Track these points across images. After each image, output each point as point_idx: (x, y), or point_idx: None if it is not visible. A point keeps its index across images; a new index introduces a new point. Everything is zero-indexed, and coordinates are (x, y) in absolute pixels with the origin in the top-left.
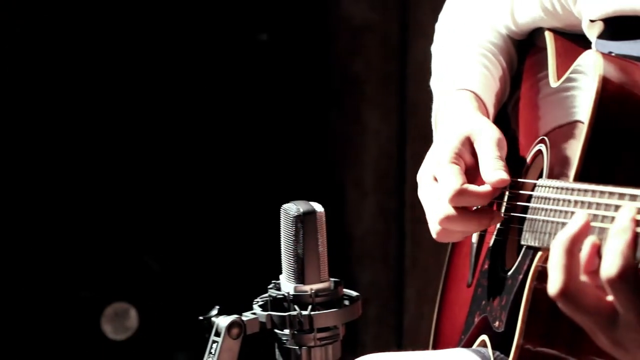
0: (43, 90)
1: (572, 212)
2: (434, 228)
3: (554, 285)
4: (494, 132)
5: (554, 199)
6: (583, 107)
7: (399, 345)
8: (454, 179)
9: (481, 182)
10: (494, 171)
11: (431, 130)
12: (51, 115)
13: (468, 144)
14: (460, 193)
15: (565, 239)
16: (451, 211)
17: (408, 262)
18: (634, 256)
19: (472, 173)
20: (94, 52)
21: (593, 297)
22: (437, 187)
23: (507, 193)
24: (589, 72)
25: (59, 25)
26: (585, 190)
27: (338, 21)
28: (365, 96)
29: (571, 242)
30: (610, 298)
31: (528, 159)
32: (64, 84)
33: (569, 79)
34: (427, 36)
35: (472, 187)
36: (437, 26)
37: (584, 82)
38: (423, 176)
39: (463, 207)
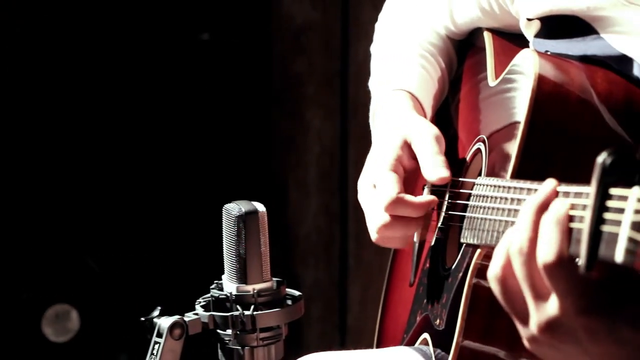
0: None
1: (510, 210)
2: (373, 235)
3: (491, 269)
4: (431, 130)
5: (491, 197)
6: (520, 106)
7: (343, 345)
8: (391, 187)
9: (424, 182)
10: (433, 169)
11: None
12: None
13: (407, 147)
14: (396, 202)
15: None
16: (387, 219)
17: (351, 261)
18: (569, 244)
19: (413, 175)
20: (40, 54)
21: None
22: (375, 195)
23: (447, 192)
24: (526, 71)
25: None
26: (522, 188)
27: (280, 21)
28: (308, 96)
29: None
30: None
31: (468, 158)
32: (11, 87)
33: (506, 78)
34: (369, 36)
35: (409, 197)
36: (377, 26)
37: (520, 81)
38: (363, 182)
39: (399, 215)
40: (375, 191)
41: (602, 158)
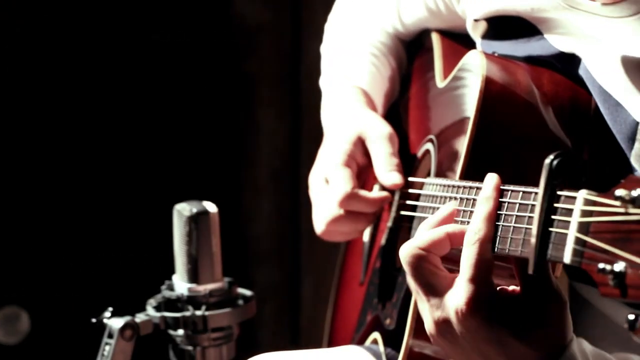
0: None
1: (458, 210)
2: (320, 227)
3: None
4: (385, 128)
5: (440, 197)
6: (468, 107)
7: (296, 344)
8: (345, 183)
9: (375, 180)
10: (387, 173)
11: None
12: None
13: (360, 143)
14: (350, 197)
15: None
16: (340, 213)
17: (304, 261)
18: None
19: (366, 172)
20: None
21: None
22: (327, 190)
23: (397, 192)
24: (473, 72)
25: None
26: (470, 187)
27: (231, 21)
28: (260, 96)
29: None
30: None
31: (417, 158)
32: None
33: (454, 80)
34: (320, 36)
35: (363, 193)
36: (327, 27)
37: (468, 82)
38: (315, 177)
39: (352, 211)
40: (328, 186)
41: (549, 160)
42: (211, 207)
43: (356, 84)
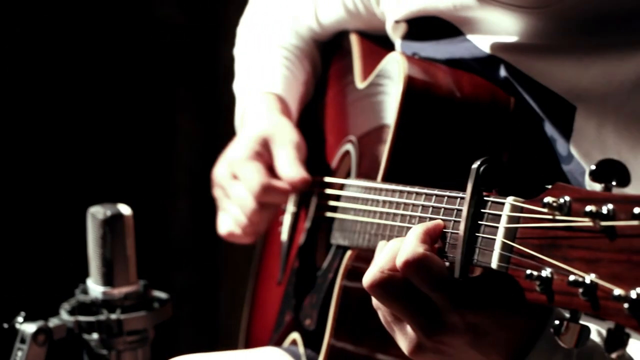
0: None
1: (380, 212)
2: (227, 227)
3: (366, 275)
4: (292, 135)
5: (362, 199)
6: (389, 109)
7: (214, 346)
8: (259, 175)
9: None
10: (290, 168)
11: None
12: None
13: (266, 145)
14: (266, 188)
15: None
16: (256, 207)
17: (222, 263)
18: (423, 246)
19: (270, 174)
20: None
21: (402, 285)
22: (240, 184)
23: (316, 193)
24: (394, 74)
25: None
26: (393, 191)
27: (150, 22)
28: (178, 98)
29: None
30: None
31: (336, 160)
32: None
33: (374, 82)
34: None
35: (279, 183)
36: (239, 30)
37: (389, 84)
38: (219, 174)
39: (266, 203)
40: (239, 182)
41: (476, 165)
42: (125, 209)
43: (270, 89)
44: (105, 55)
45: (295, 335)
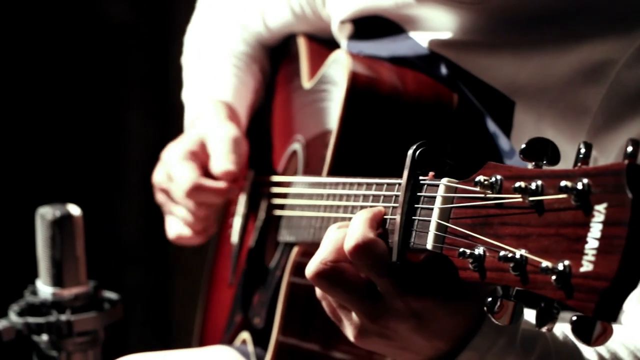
0: None
1: (325, 206)
2: (175, 230)
3: (309, 266)
4: (230, 131)
5: (308, 195)
6: (334, 107)
7: (167, 346)
8: (189, 174)
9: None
10: (220, 162)
11: None
12: None
13: (202, 145)
14: (197, 188)
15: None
16: (191, 206)
17: (174, 263)
18: (372, 231)
19: (208, 175)
20: None
21: (346, 273)
22: (173, 186)
23: (265, 194)
24: (339, 72)
25: None
26: (337, 183)
27: (99, 22)
28: (128, 98)
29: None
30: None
31: (285, 160)
32: None
33: (320, 81)
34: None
35: (209, 182)
36: (187, 39)
37: (334, 82)
38: (157, 178)
39: (201, 202)
40: (173, 183)
41: (412, 150)
42: (75, 210)
43: (221, 97)
44: (55, 55)
45: (245, 335)
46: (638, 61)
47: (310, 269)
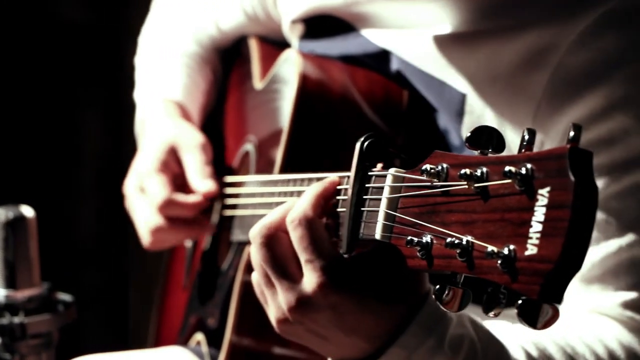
0: None
1: (277, 203)
2: (146, 239)
3: (255, 227)
4: (197, 137)
5: (260, 193)
6: (285, 106)
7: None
8: (161, 189)
9: (191, 190)
10: (202, 180)
11: None
12: None
13: (172, 152)
14: (169, 203)
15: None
16: (161, 222)
17: (131, 264)
18: (314, 210)
19: (180, 181)
20: None
21: (283, 243)
22: (144, 199)
23: (218, 195)
24: (290, 71)
25: None
26: (288, 181)
27: (53, 21)
28: (82, 96)
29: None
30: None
31: (237, 161)
32: None
33: (271, 81)
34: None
35: (181, 197)
36: (141, 39)
37: (285, 82)
38: (129, 188)
39: (173, 217)
40: (145, 195)
41: (360, 142)
42: (28, 211)
43: (170, 96)
44: (7, 54)
45: (199, 336)
46: (581, 46)
47: (254, 228)
